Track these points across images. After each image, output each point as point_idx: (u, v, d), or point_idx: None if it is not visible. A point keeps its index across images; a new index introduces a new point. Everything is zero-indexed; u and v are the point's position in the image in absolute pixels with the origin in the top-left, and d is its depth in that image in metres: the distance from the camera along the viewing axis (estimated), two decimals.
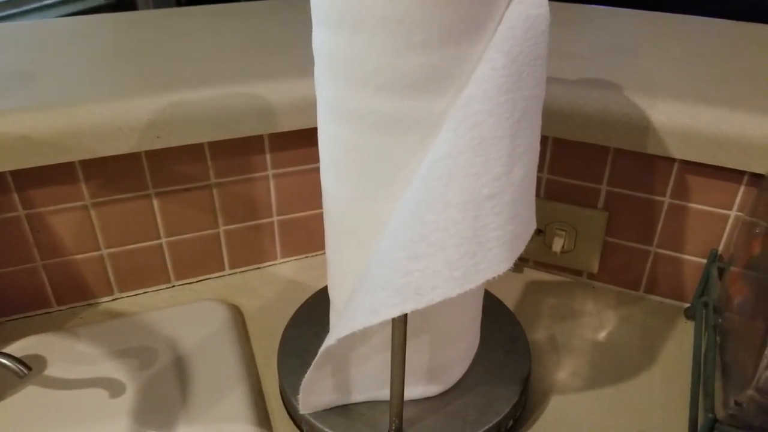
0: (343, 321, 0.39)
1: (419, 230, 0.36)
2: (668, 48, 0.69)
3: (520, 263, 0.71)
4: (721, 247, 0.60)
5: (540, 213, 0.65)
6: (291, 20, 0.79)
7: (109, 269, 0.64)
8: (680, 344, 0.60)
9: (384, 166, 0.38)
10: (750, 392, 0.41)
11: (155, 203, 0.62)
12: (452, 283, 0.36)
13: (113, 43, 0.71)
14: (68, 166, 0.57)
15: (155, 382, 0.54)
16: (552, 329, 0.61)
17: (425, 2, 0.33)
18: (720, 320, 0.51)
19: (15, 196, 0.57)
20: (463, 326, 0.48)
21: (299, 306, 0.60)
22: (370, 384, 0.48)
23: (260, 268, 0.70)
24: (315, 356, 0.44)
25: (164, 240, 0.64)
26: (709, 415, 0.44)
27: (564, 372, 0.57)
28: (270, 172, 0.65)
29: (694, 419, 0.48)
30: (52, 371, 0.55)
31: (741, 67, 0.63)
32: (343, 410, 0.49)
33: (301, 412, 0.48)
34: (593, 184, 0.62)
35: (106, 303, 0.65)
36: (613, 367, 0.57)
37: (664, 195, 0.60)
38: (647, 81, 0.60)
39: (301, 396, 0.47)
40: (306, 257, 0.72)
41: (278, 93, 0.59)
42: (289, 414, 0.52)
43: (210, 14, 0.82)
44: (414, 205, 0.36)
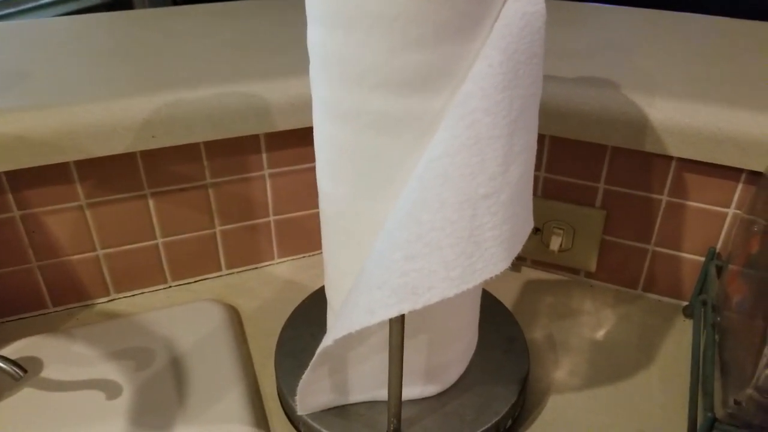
0: (340, 321, 0.39)
1: (415, 230, 0.36)
2: (666, 46, 0.69)
3: (518, 262, 0.71)
4: (719, 245, 0.60)
5: (537, 212, 0.65)
6: (286, 19, 0.79)
7: (105, 270, 0.63)
8: (679, 343, 0.60)
9: (380, 166, 0.38)
10: (749, 391, 0.40)
11: (151, 203, 0.62)
12: (449, 283, 0.36)
13: (108, 43, 0.70)
14: (63, 167, 0.57)
15: (152, 383, 0.54)
16: (550, 328, 0.61)
17: None
18: (718, 318, 0.51)
19: (9, 197, 0.57)
20: (461, 326, 0.48)
21: (296, 306, 0.60)
22: (368, 384, 0.48)
23: (257, 268, 0.70)
24: (312, 357, 0.44)
25: (160, 240, 0.64)
26: (709, 414, 0.44)
27: (562, 371, 0.57)
28: (266, 172, 0.64)
29: (693, 418, 0.48)
30: (49, 373, 0.55)
31: (739, 66, 0.63)
32: (341, 411, 0.49)
33: (299, 413, 0.48)
34: (591, 183, 0.62)
35: (103, 304, 0.65)
36: (612, 366, 0.57)
37: (662, 193, 0.60)
38: (645, 79, 0.59)
39: (299, 397, 0.47)
40: (303, 257, 0.72)
41: (274, 92, 0.59)
42: (287, 414, 0.52)
43: (205, 13, 0.81)
44: (410, 205, 0.36)
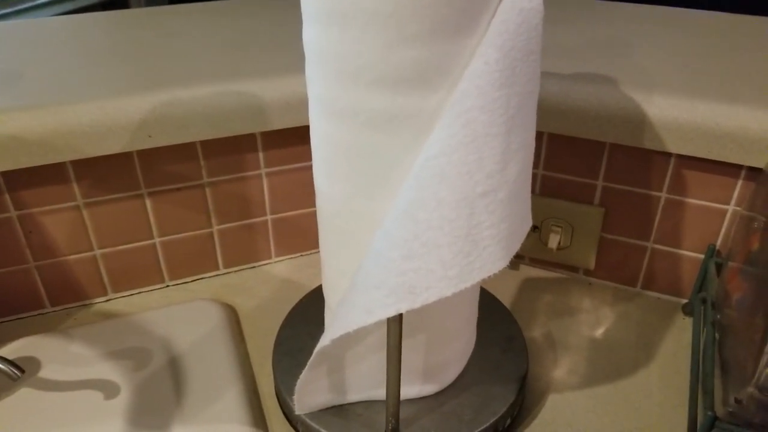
0: (338, 321, 0.39)
1: (413, 229, 0.35)
2: (664, 42, 0.69)
3: (516, 260, 0.70)
4: (719, 242, 0.59)
5: (536, 209, 0.65)
6: (282, 17, 0.79)
7: (103, 270, 0.63)
8: (678, 341, 0.59)
9: (376, 164, 0.38)
10: (750, 389, 0.40)
11: (148, 203, 0.61)
12: (446, 283, 0.36)
13: (104, 42, 0.70)
14: (59, 166, 0.57)
15: (150, 383, 0.54)
16: (549, 327, 0.61)
17: None
18: (718, 316, 0.51)
19: (6, 197, 0.56)
20: (459, 325, 0.48)
21: (294, 305, 0.59)
22: (366, 384, 0.48)
23: (254, 267, 0.70)
24: (310, 356, 0.44)
25: (157, 240, 0.64)
26: (709, 413, 0.44)
27: (561, 370, 0.56)
28: (263, 171, 0.64)
29: (694, 417, 0.48)
30: (46, 373, 0.54)
31: (738, 61, 0.63)
32: (339, 410, 0.49)
33: (297, 413, 0.48)
34: (589, 180, 0.62)
35: (100, 303, 0.64)
36: (611, 365, 0.57)
37: (661, 190, 0.59)
38: (643, 75, 0.59)
39: (297, 396, 0.47)
40: (300, 256, 0.71)
41: (270, 91, 0.59)
42: (285, 414, 0.52)
43: (201, 12, 0.81)
44: (407, 204, 0.36)
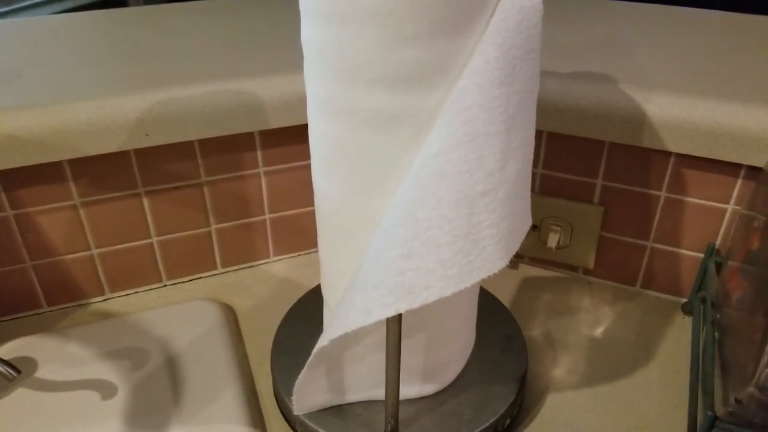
0: (336, 321, 0.38)
1: (412, 228, 0.35)
2: (664, 40, 0.69)
3: (516, 259, 0.70)
4: (719, 242, 0.59)
5: (535, 208, 0.65)
6: (281, 16, 0.78)
7: (100, 269, 0.63)
8: (678, 340, 0.59)
9: (375, 163, 0.38)
10: (750, 389, 0.40)
11: (145, 202, 0.61)
12: (446, 282, 0.36)
13: (101, 41, 0.70)
14: (56, 165, 0.56)
15: (147, 383, 0.53)
16: (548, 326, 0.61)
17: None
18: (718, 316, 0.51)
19: (3, 196, 0.56)
20: (459, 325, 0.48)
21: (293, 304, 0.59)
22: (365, 384, 0.48)
23: (253, 267, 0.69)
24: (309, 356, 0.43)
25: (155, 239, 0.63)
26: (709, 413, 0.43)
27: (561, 369, 0.56)
28: (261, 170, 0.64)
29: (693, 416, 0.48)
30: (43, 373, 0.54)
31: (737, 60, 0.63)
32: (338, 410, 0.48)
33: (295, 413, 0.48)
34: (588, 179, 0.62)
35: (97, 303, 0.64)
36: (610, 364, 0.57)
37: (661, 189, 0.59)
38: (642, 74, 0.59)
39: (295, 397, 0.47)
40: (299, 255, 0.71)
41: (268, 89, 0.59)
42: (283, 414, 0.51)
43: (199, 11, 0.81)
44: (406, 203, 0.36)
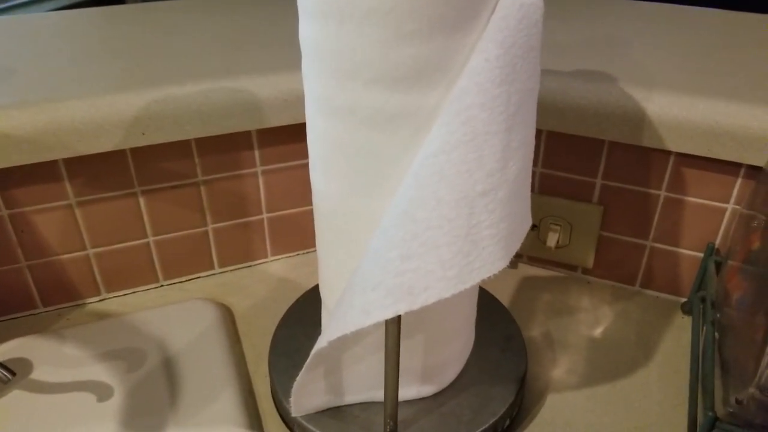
0: (335, 322, 0.38)
1: (411, 229, 0.35)
2: (663, 39, 0.68)
3: (515, 259, 0.70)
4: (718, 241, 0.59)
5: (534, 207, 0.64)
6: (278, 13, 0.78)
7: (96, 269, 0.62)
8: (677, 340, 0.59)
9: (374, 163, 0.37)
10: (751, 390, 0.40)
11: (142, 201, 0.61)
12: (445, 283, 0.35)
13: (97, 38, 0.69)
14: (51, 165, 0.56)
15: (144, 385, 0.53)
16: (547, 326, 0.61)
17: None
18: (718, 315, 0.50)
19: None
20: (458, 325, 0.47)
21: (290, 305, 0.59)
22: (364, 385, 0.48)
23: (250, 267, 0.69)
24: (307, 357, 0.43)
25: (152, 239, 0.63)
26: (709, 414, 0.43)
27: (560, 369, 0.56)
28: (259, 169, 0.64)
29: (693, 417, 0.48)
30: (38, 374, 0.54)
31: (737, 58, 0.63)
32: (337, 412, 0.48)
33: (293, 415, 0.48)
34: (588, 178, 0.61)
35: (94, 304, 0.64)
36: (610, 364, 0.57)
37: (660, 188, 0.59)
38: (642, 73, 0.59)
39: (293, 398, 0.47)
40: (297, 255, 0.71)
41: (266, 87, 0.58)
42: (281, 416, 0.51)
43: (196, 8, 0.80)
44: (406, 203, 0.35)
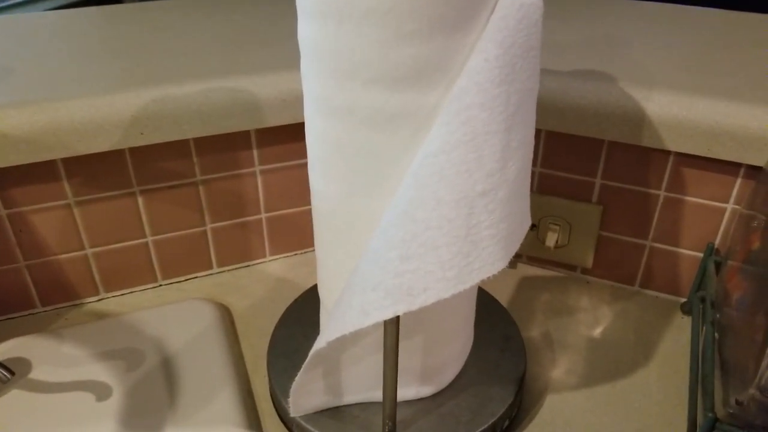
0: (333, 323, 0.38)
1: (411, 229, 0.35)
2: (663, 39, 0.68)
3: (514, 259, 0.70)
4: (718, 241, 0.59)
5: (533, 207, 0.64)
6: (277, 12, 0.78)
7: (94, 269, 0.62)
8: (677, 340, 0.59)
9: (374, 163, 0.37)
10: (752, 391, 0.40)
11: (140, 201, 0.61)
12: (445, 284, 0.35)
13: (95, 38, 0.69)
14: (50, 164, 0.56)
15: (142, 384, 0.53)
16: (546, 326, 0.61)
17: None
18: (718, 316, 0.50)
19: None
20: (457, 326, 0.47)
21: (289, 305, 0.59)
22: (363, 385, 0.47)
23: (249, 266, 0.69)
24: (305, 357, 0.43)
25: (150, 239, 0.63)
26: (709, 414, 0.43)
27: (559, 370, 0.56)
28: (257, 168, 0.63)
29: (693, 417, 0.48)
30: (37, 374, 0.54)
31: (737, 58, 0.63)
32: (335, 412, 0.48)
33: (292, 415, 0.48)
34: (587, 178, 0.61)
35: (92, 303, 0.64)
36: (609, 364, 0.57)
37: (660, 188, 0.59)
38: (642, 72, 0.59)
39: (292, 398, 0.47)
40: (295, 254, 0.71)
41: (265, 87, 0.58)
42: (280, 416, 0.51)
43: (195, 8, 0.80)
44: (405, 203, 0.35)
